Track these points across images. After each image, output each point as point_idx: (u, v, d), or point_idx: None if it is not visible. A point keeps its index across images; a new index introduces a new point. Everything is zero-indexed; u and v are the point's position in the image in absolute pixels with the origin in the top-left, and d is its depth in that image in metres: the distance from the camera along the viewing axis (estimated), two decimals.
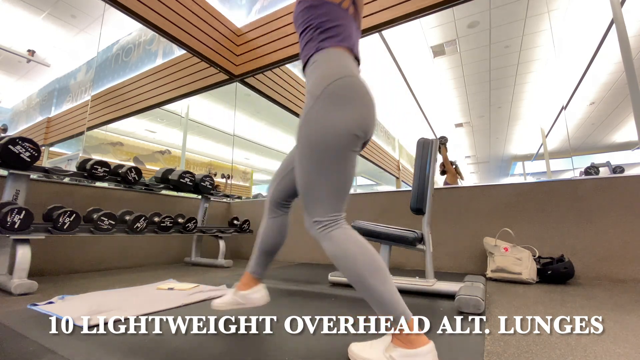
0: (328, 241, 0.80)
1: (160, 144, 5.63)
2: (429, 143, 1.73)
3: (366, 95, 0.83)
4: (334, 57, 0.86)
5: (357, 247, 0.80)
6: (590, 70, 4.75)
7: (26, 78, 5.53)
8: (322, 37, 0.88)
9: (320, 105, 0.79)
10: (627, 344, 0.90)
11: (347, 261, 0.78)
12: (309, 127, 0.80)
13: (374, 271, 0.77)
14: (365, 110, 0.82)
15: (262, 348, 0.90)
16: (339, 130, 0.78)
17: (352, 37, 0.92)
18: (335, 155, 0.79)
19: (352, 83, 0.82)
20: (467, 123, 7.05)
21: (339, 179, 0.81)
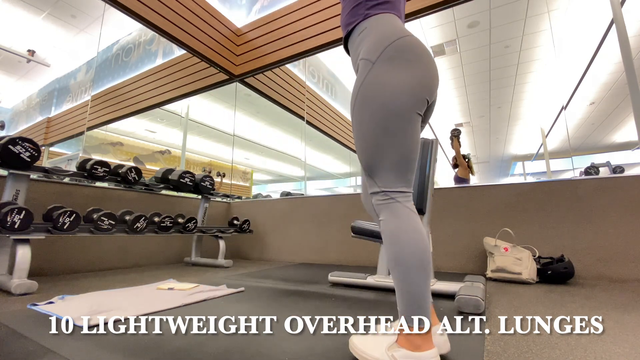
0: (388, 213, 0.75)
1: (160, 144, 5.63)
2: (429, 143, 1.73)
3: (427, 55, 0.78)
4: (387, 22, 0.81)
5: (414, 232, 0.73)
6: (590, 70, 4.75)
7: (26, 78, 5.53)
8: (371, 4, 0.83)
9: (379, 67, 0.75)
10: (627, 344, 0.90)
11: (396, 245, 0.73)
12: (369, 92, 0.75)
13: (419, 264, 0.71)
14: (427, 70, 0.77)
15: (262, 348, 0.90)
16: (403, 90, 0.73)
17: (401, 5, 0.88)
18: (400, 118, 0.73)
19: (411, 42, 0.77)
20: (467, 123, 7.05)
21: (406, 145, 0.74)
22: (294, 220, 3.32)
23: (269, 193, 5.32)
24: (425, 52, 0.78)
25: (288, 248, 3.34)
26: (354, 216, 3.00)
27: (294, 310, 1.27)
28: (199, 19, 3.34)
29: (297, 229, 3.28)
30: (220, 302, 1.46)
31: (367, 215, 2.92)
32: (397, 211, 0.74)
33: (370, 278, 1.78)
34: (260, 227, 3.55)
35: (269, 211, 3.54)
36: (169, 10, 2.99)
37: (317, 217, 3.18)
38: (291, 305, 1.41)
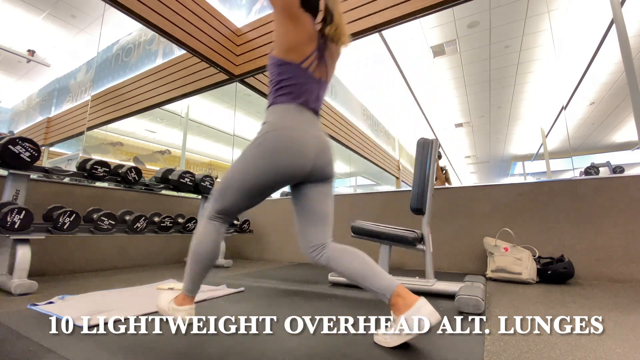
0: (200, 224, 1.15)
1: (160, 144, 5.63)
2: (429, 143, 1.73)
3: (291, 151, 0.98)
4: (279, 113, 1.02)
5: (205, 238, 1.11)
6: (590, 70, 4.75)
7: (26, 78, 5.53)
8: (277, 93, 1.03)
9: (252, 147, 1.00)
10: (627, 344, 0.90)
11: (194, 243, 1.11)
12: (241, 156, 1.03)
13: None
14: (283, 164, 0.98)
15: (262, 348, 0.90)
16: (259, 167, 0.99)
17: (307, 94, 1.05)
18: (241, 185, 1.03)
19: (281, 139, 0.98)
20: (467, 123, 7.05)
21: (237, 201, 1.08)
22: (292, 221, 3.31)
23: None
24: (291, 147, 0.98)
25: (288, 248, 3.34)
26: (354, 216, 2.99)
27: (294, 310, 1.27)
28: (199, 19, 3.34)
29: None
30: (220, 302, 1.46)
31: (367, 215, 2.92)
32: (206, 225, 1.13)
33: None
34: (260, 227, 3.55)
35: (269, 211, 3.54)
36: (169, 10, 2.99)
37: None
38: (291, 305, 1.41)
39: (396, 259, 2.65)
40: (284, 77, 1.03)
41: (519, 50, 4.40)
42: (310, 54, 1.04)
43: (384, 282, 0.95)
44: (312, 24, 1.05)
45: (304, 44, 1.02)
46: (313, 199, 1.09)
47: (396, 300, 0.92)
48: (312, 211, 1.09)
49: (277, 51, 1.04)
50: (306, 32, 1.02)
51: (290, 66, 1.02)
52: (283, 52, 1.02)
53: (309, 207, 1.10)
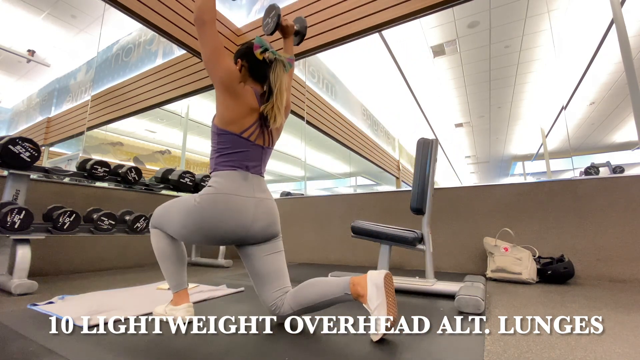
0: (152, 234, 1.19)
1: (160, 144, 5.63)
2: (429, 143, 1.73)
3: (225, 211, 1.02)
4: (221, 178, 1.05)
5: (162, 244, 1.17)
6: (590, 70, 4.75)
7: (26, 78, 5.53)
8: (218, 161, 1.07)
9: (193, 205, 1.04)
10: (627, 344, 0.90)
11: (156, 250, 1.18)
12: (181, 202, 1.09)
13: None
14: (225, 223, 1.03)
15: (262, 348, 0.90)
16: (194, 225, 1.04)
17: (248, 160, 1.09)
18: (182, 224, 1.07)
19: (217, 199, 1.02)
20: (467, 123, 7.04)
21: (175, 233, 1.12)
22: (294, 220, 3.32)
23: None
24: (226, 209, 1.02)
25: (288, 248, 3.32)
26: (354, 216, 2.99)
27: None
28: None
29: (297, 229, 3.28)
30: (220, 302, 1.46)
31: (367, 215, 2.92)
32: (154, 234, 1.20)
33: None
34: None
35: None
36: (169, 10, 2.99)
37: (317, 217, 3.18)
38: None
39: (396, 259, 2.65)
40: (225, 146, 1.06)
41: (519, 50, 4.40)
42: (251, 125, 1.06)
43: (339, 281, 1.00)
44: (254, 97, 1.08)
45: (243, 117, 1.05)
46: (260, 259, 1.10)
47: (355, 288, 0.95)
48: (262, 272, 1.10)
49: (217, 120, 1.06)
50: (246, 106, 1.05)
51: (231, 136, 1.04)
52: (223, 123, 1.04)
53: (257, 268, 1.10)
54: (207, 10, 1.01)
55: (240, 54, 1.15)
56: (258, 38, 1.06)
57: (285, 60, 1.08)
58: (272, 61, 1.08)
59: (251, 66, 1.12)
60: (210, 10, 1.02)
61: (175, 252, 1.14)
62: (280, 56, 1.08)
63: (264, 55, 1.07)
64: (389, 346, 0.91)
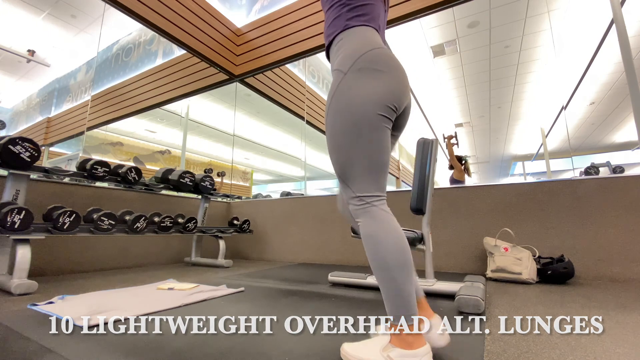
0: (368, 218, 0.77)
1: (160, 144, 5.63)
2: (429, 143, 1.73)
3: (396, 67, 0.82)
4: (361, 34, 0.84)
5: (393, 233, 0.76)
6: (590, 70, 4.75)
7: (26, 78, 5.53)
8: (350, 15, 0.86)
9: (349, 78, 0.78)
10: (627, 344, 0.90)
11: (377, 245, 0.75)
12: (340, 102, 0.79)
13: (401, 264, 0.74)
14: (395, 81, 0.80)
15: (262, 348, 0.90)
16: (370, 99, 0.76)
17: (380, 18, 0.91)
18: (369, 126, 0.76)
19: (381, 54, 0.80)
20: (467, 123, 7.04)
21: (376, 152, 0.78)
22: (294, 220, 3.32)
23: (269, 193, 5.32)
24: (394, 64, 0.82)
25: (288, 248, 3.34)
26: None
27: (294, 310, 1.27)
28: (199, 19, 3.34)
29: (297, 229, 3.28)
30: (220, 302, 1.46)
31: None
32: (374, 215, 0.77)
33: (370, 278, 1.78)
34: (260, 227, 3.55)
35: (269, 211, 3.54)
36: (169, 10, 2.99)
37: (317, 217, 3.18)
38: (291, 305, 1.41)
39: None
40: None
41: (519, 50, 4.40)
42: None
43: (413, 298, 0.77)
44: None
45: None
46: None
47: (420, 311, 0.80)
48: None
49: None
50: None
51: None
52: None
53: None
54: None
55: None
56: None
57: None
58: None
59: None
60: None
61: (405, 251, 0.76)
62: None
63: None
64: None
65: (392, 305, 0.74)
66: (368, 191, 0.78)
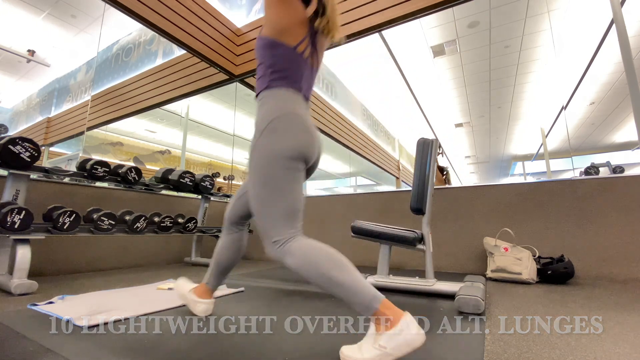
0: (289, 256, 0.85)
1: (160, 144, 5.63)
2: (429, 143, 1.73)
3: (305, 130, 0.93)
4: (279, 97, 0.94)
5: (316, 251, 0.84)
6: (590, 70, 4.75)
7: (26, 78, 5.53)
8: (272, 77, 0.96)
9: (263, 137, 0.90)
10: (627, 344, 0.90)
11: (310, 267, 0.82)
12: (256, 157, 0.90)
13: (338, 267, 0.82)
14: (303, 140, 0.91)
15: (262, 348, 0.90)
16: (281, 153, 0.88)
17: (301, 80, 1.00)
18: (278, 179, 0.88)
19: (292, 119, 0.91)
20: (467, 123, 7.05)
21: (288, 199, 0.88)
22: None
23: None
24: (303, 127, 0.93)
25: None
26: (354, 216, 2.99)
27: (294, 310, 1.27)
28: (199, 19, 3.34)
29: None
30: (220, 302, 1.46)
31: (367, 215, 2.92)
32: (292, 251, 0.85)
33: (370, 278, 1.78)
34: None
35: None
36: (169, 10, 2.99)
37: (317, 217, 3.18)
38: (291, 305, 1.41)
39: (396, 259, 2.65)
40: (279, 61, 0.96)
41: (519, 50, 4.40)
42: (304, 38, 0.98)
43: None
44: (304, 10, 0.98)
45: (296, 27, 0.96)
46: None
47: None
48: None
49: (268, 32, 0.96)
50: (298, 16, 0.96)
51: (285, 48, 0.96)
52: (276, 33, 0.95)
53: None
54: None
55: None
56: None
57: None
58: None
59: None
60: None
61: (334, 255, 0.84)
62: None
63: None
64: None
65: (358, 303, 0.79)
66: (281, 234, 0.86)
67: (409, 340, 0.74)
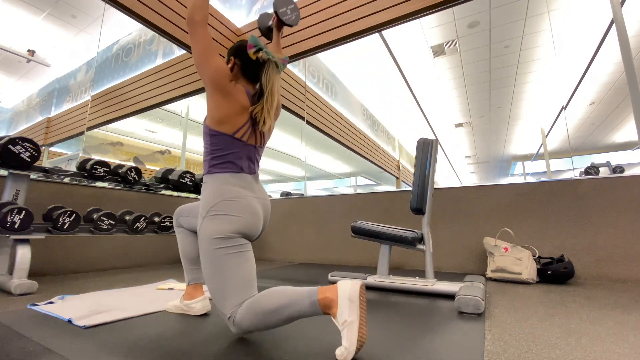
0: (239, 326, 0.90)
1: (160, 144, 5.63)
2: (429, 143, 1.73)
3: (243, 210, 0.99)
4: (219, 182, 1.01)
5: (251, 305, 0.89)
6: (590, 70, 4.75)
7: (26, 78, 5.53)
8: (212, 163, 1.03)
9: (206, 222, 0.97)
10: (627, 344, 0.90)
11: (265, 320, 0.87)
12: (202, 242, 0.96)
13: (266, 297, 0.89)
14: (243, 221, 0.98)
15: (262, 348, 0.90)
16: (221, 236, 0.94)
17: (242, 161, 1.06)
18: (223, 258, 0.93)
19: (228, 204, 0.98)
20: (467, 123, 7.05)
21: (236, 276, 0.93)
22: (294, 220, 3.32)
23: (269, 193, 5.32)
24: (241, 208, 0.99)
25: (288, 248, 3.34)
26: (354, 216, 2.99)
27: None
28: None
29: (297, 229, 3.28)
30: None
31: (367, 215, 2.92)
32: (240, 321, 0.89)
33: (370, 278, 1.78)
34: None
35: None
36: (169, 10, 2.99)
37: (317, 217, 3.18)
38: None
39: (396, 259, 2.65)
40: (218, 147, 1.03)
41: (519, 50, 4.40)
42: (243, 125, 1.04)
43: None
44: (245, 97, 1.05)
45: (235, 117, 1.02)
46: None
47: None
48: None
49: (209, 121, 1.03)
50: (238, 105, 1.03)
51: (223, 137, 1.02)
52: (214, 123, 1.02)
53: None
54: (198, 10, 1.01)
55: (233, 52, 1.12)
56: (252, 37, 1.04)
57: (278, 61, 1.06)
58: (265, 61, 1.05)
59: (244, 65, 1.10)
60: (200, 9, 1.01)
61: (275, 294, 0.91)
62: (274, 57, 1.05)
63: (258, 55, 1.04)
64: (389, 346, 0.91)
65: (304, 307, 0.86)
66: (233, 306, 0.91)
67: (352, 297, 0.80)
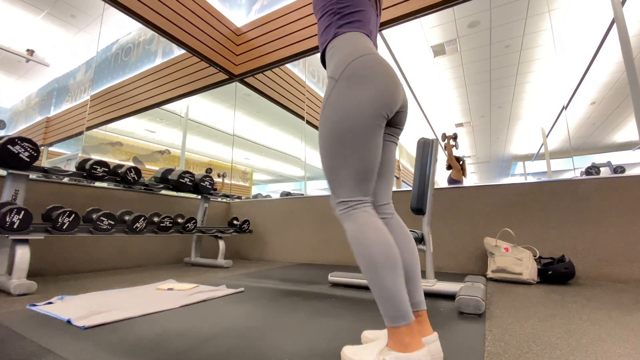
0: (349, 221, 0.78)
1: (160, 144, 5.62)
2: (429, 143, 1.73)
3: (384, 73, 0.81)
4: (352, 41, 0.84)
5: (376, 234, 0.75)
6: (591, 70, 4.75)
7: (25, 78, 5.52)
8: (341, 23, 0.87)
9: (340, 87, 0.79)
10: (628, 344, 0.90)
11: (362, 245, 0.75)
12: (330, 110, 0.80)
13: (389, 267, 0.73)
14: (384, 87, 0.79)
15: (262, 348, 0.89)
16: (359, 108, 0.77)
17: (371, 24, 0.91)
18: (356, 135, 0.77)
19: (370, 60, 0.80)
20: (468, 123, 7.04)
21: (362, 160, 0.78)
22: (294, 220, 3.32)
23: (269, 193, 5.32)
24: (382, 70, 0.81)
25: (288, 248, 3.34)
26: None
27: (294, 311, 1.27)
28: (199, 19, 3.33)
29: (297, 229, 3.28)
30: (220, 302, 1.46)
31: None
32: (356, 218, 0.77)
33: None
34: (260, 227, 3.55)
35: (268, 211, 3.54)
36: (169, 10, 2.99)
37: (317, 217, 3.18)
38: (291, 305, 1.40)
39: None
40: (345, 5, 0.88)
41: (519, 49, 4.39)
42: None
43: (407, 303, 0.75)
44: None
45: None
46: (386, 147, 0.93)
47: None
48: (385, 162, 0.93)
49: None
50: None
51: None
52: None
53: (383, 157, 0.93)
54: None
55: None
56: None
57: None
58: None
59: None
60: None
61: (391, 251, 0.75)
62: None
63: None
64: None
65: (384, 307, 0.73)
66: (350, 196, 0.79)
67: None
